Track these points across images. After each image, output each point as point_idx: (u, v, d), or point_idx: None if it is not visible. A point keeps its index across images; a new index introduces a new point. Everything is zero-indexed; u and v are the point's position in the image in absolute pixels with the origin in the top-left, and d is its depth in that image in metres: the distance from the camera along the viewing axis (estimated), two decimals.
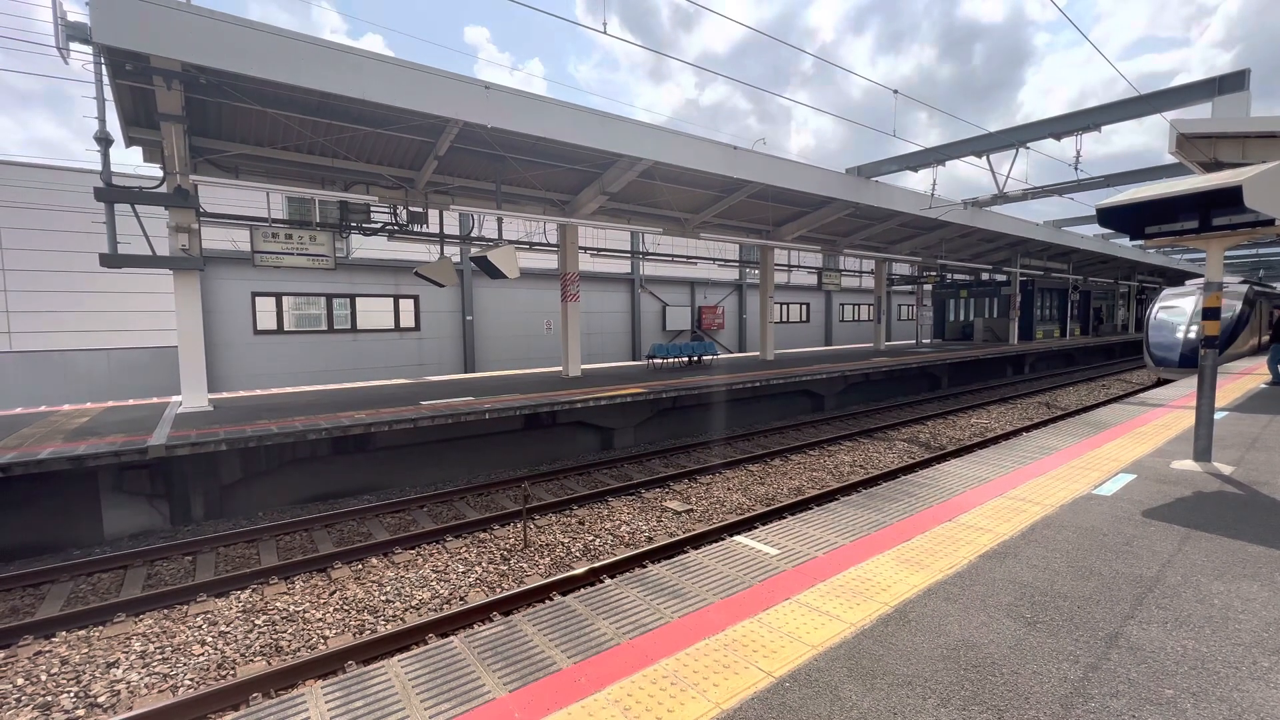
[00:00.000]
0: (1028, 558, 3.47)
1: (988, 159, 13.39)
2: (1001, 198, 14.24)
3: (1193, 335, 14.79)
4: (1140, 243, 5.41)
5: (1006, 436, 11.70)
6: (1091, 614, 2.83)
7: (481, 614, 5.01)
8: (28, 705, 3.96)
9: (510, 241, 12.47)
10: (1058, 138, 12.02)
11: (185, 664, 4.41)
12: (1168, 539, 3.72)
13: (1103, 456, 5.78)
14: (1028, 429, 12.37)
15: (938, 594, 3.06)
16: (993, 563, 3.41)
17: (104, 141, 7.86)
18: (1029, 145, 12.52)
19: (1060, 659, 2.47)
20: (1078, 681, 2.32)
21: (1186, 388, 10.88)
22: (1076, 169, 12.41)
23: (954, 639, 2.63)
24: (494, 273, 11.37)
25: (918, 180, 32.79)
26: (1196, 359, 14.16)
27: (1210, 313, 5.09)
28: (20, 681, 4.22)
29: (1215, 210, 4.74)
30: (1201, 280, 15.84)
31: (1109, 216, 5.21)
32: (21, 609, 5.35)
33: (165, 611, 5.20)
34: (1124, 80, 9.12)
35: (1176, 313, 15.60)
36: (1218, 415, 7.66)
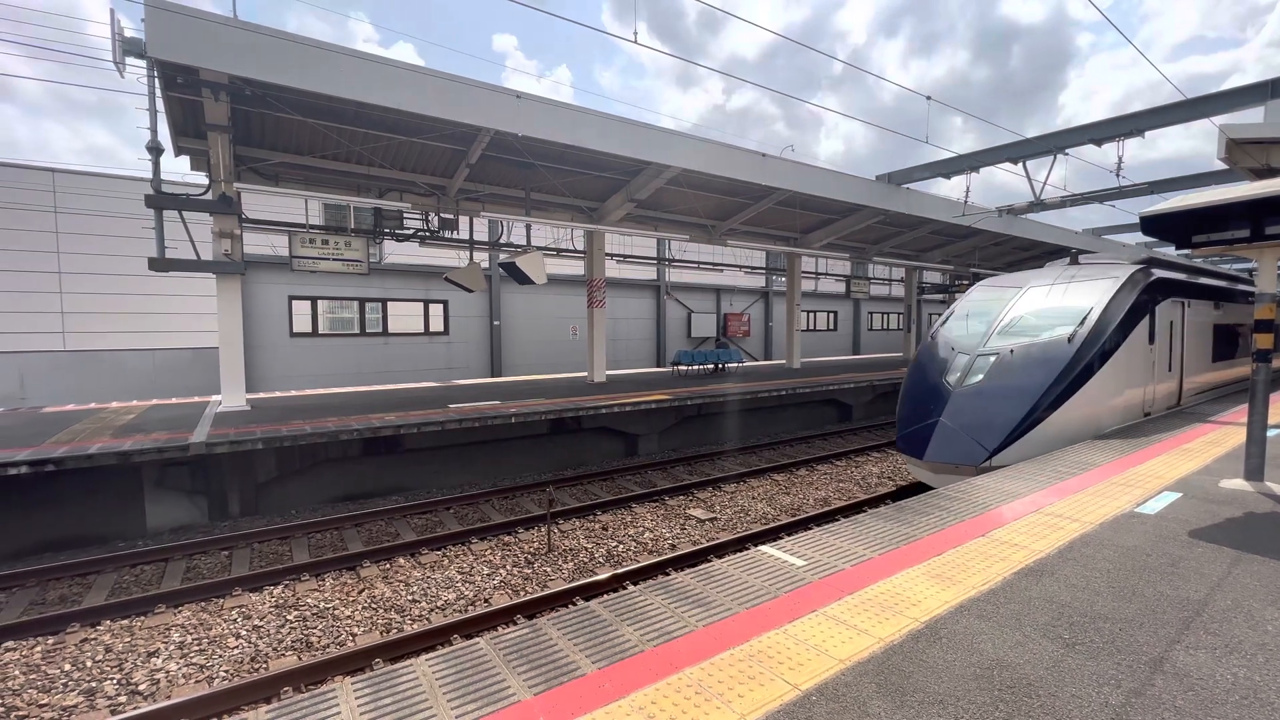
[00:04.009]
0: (1066, 576, 3.35)
1: (1024, 165, 13.06)
2: (1038, 205, 13.84)
3: (978, 379, 7.06)
4: (1186, 252, 5.18)
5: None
6: (1134, 637, 2.72)
7: (506, 617, 5.05)
8: (74, 690, 4.13)
9: (538, 248, 12.63)
10: (1099, 143, 11.65)
11: (221, 656, 4.55)
12: (1217, 561, 3.56)
13: (1145, 473, 5.56)
14: None
15: (970, 611, 2.97)
16: (1028, 580, 3.31)
17: (155, 151, 8.21)
18: (1068, 151, 12.17)
19: (1101, 683, 2.38)
20: (1119, 707, 2.23)
21: (1234, 401, 9.07)
22: (1119, 175, 12.01)
23: (988, 658, 2.56)
24: (522, 278, 11.53)
25: (951, 187, 32.16)
26: (973, 448, 6.64)
27: (1263, 325, 4.88)
28: (68, 667, 4.40)
29: (1268, 219, 4.55)
30: (1058, 265, 9.59)
31: (1154, 225, 5.03)
32: (69, 597, 5.59)
33: (202, 604, 5.37)
34: (1170, 84, 8.72)
35: (963, 334, 7.90)
36: (1271, 432, 7.31)
